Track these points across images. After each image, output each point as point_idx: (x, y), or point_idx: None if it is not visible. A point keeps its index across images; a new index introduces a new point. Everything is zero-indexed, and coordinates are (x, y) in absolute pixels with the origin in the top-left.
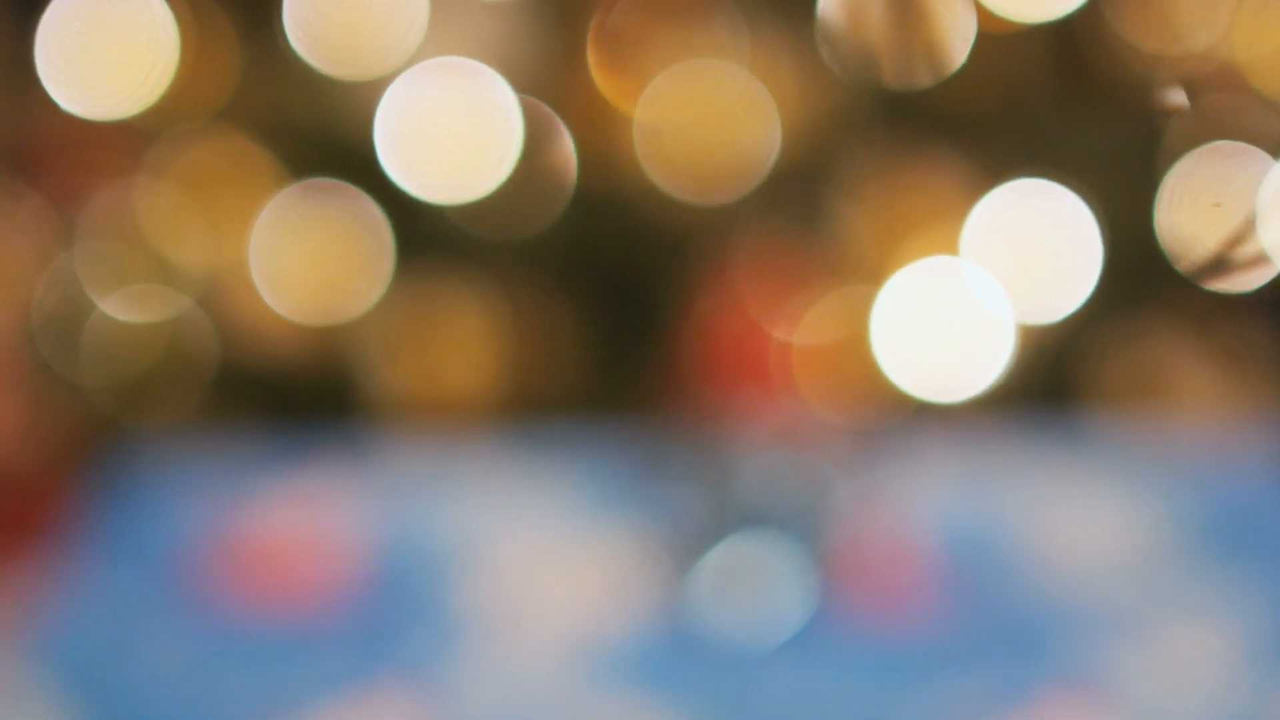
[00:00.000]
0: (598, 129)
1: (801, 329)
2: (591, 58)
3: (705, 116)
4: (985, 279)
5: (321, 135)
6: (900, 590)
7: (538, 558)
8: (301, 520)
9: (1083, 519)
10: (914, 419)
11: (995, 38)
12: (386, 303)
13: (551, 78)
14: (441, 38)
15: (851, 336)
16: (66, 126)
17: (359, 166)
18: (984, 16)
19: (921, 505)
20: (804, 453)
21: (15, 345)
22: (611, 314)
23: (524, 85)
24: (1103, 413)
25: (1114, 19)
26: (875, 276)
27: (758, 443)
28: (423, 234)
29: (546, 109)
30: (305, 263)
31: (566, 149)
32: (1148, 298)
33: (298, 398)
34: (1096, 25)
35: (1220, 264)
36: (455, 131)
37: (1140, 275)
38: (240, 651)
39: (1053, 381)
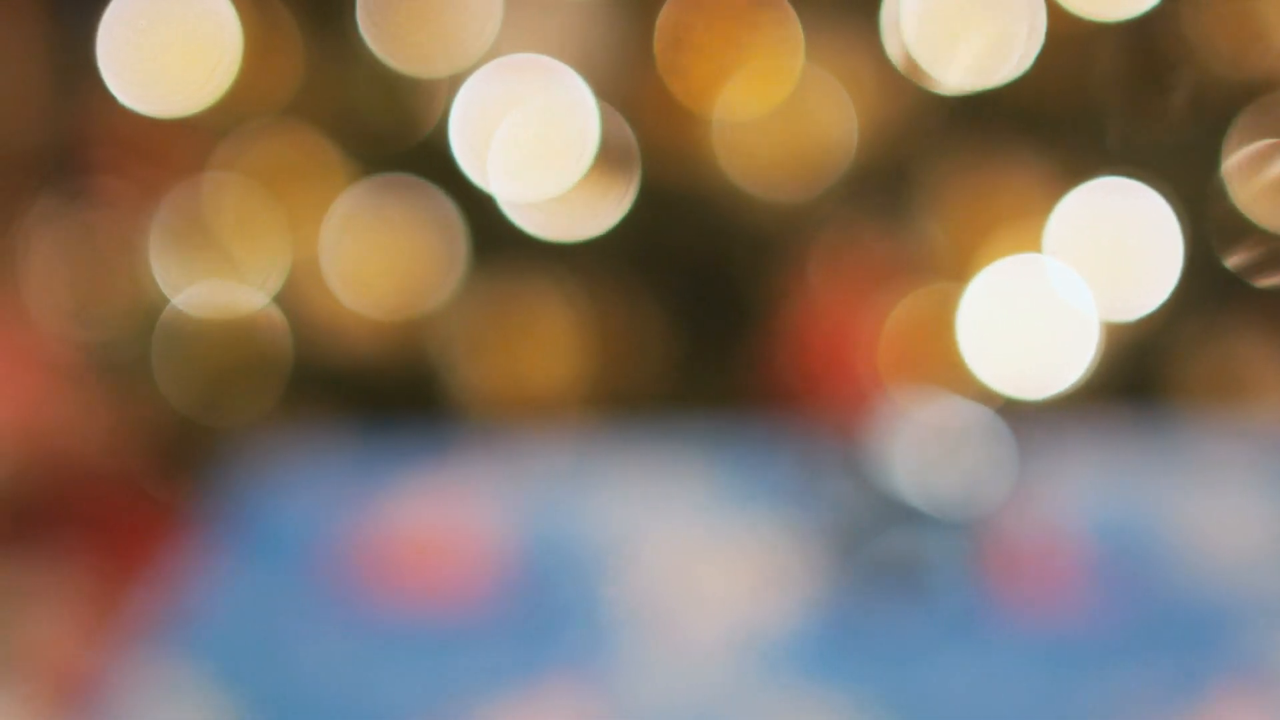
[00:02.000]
0: (677, 126)
1: (887, 326)
2: (661, 58)
3: (783, 114)
4: (1069, 276)
5: (396, 131)
6: (1058, 582)
7: (690, 552)
8: (442, 516)
9: (1227, 511)
10: (1043, 414)
11: (1076, 37)
12: (464, 298)
13: (630, 75)
14: (518, 34)
15: (937, 334)
16: (134, 124)
17: (435, 163)
18: (1063, 17)
19: (1071, 497)
20: (954, 447)
21: (92, 347)
22: (694, 311)
23: (601, 82)
24: (1188, 409)
25: (1192, 17)
26: (960, 274)
27: (905, 438)
28: (500, 230)
29: (622, 107)
30: (379, 258)
31: (643, 146)
32: (1230, 294)
33: (378, 394)
34: (1175, 23)
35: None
36: (531, 128)
37: (1222, 271)
38: (399, 648)
39: (1137, 378)
